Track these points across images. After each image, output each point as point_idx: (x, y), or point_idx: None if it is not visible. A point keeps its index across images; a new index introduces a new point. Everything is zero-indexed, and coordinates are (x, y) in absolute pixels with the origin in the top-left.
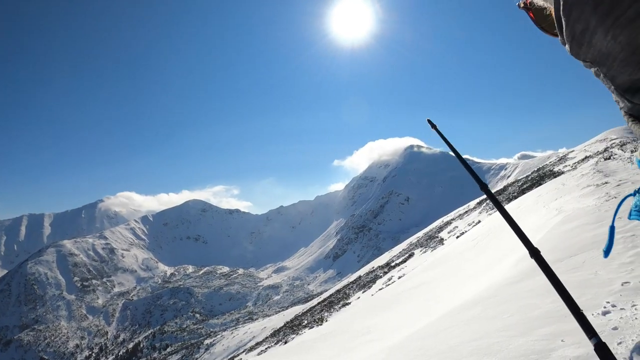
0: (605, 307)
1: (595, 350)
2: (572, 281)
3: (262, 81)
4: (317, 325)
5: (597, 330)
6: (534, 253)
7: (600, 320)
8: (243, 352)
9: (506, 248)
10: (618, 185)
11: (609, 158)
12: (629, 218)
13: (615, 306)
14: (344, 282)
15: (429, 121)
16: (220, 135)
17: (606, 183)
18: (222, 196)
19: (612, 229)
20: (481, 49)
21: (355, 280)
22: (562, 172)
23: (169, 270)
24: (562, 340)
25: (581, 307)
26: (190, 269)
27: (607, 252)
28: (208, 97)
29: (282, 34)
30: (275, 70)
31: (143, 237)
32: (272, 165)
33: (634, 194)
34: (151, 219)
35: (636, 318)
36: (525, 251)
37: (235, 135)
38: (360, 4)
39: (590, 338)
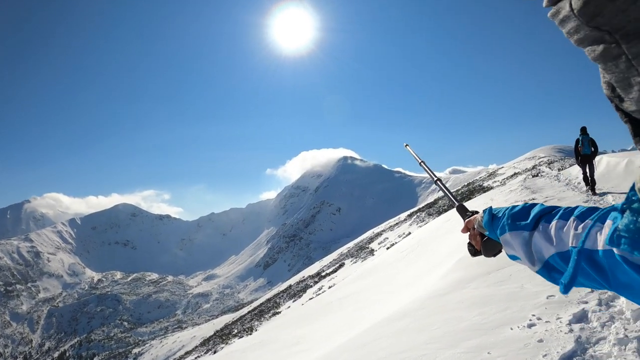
0: (530, 320)
1: (457, 208)
2: (499, 294)
3: (197, 87)
4: (247, 335)
5: (522, 344)
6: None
7: (526, 332)
8: None
9: (435, 260)
10: (545, 202)
11: (537, 175)
12: (607, 244)
13: (540, 319)
14: (275, 291)
15: (406, 145)
16: (153, 139)
17: (533, 199)
18: (152, 201)
19: (578, 253)
20: (415, 63)
21: (286, 289)
22: (492, 187)
23: (97, 276)
24: (488, 353)
25: (508, 319)
26: (119, 275)
27: (567, 288)
28: (141, 99)
29: (221, 42)
30: (211, 76)
31: (70, 240)
32: (204, 172)
33: (614, 213)
34: (79, 222)
35: (561, 331)
36: (452, 263)
37: (168, 139)
38: (300, 14)
39: (456, 202)
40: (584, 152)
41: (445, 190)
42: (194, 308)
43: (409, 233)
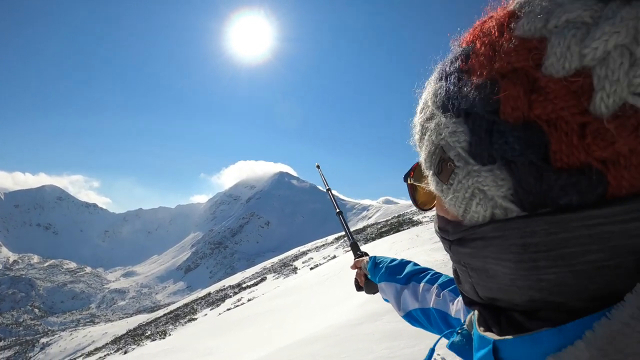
0: (435, 359)
1: (351, 245)
2: (409, 330)
3: (145, 79)
4: (160, 339)
5: None
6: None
7: None
8: (81, 356)
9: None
10: None
11: None
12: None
13: (444, 359)
14: (193, 296)
15: (317, 166)
16: (90, 123)
17: None
18: (81, 187)
19: (436, 311)
20: (369, 84)
21: (205, 296)
22: (421, 222)
23: (13, 256)
24: None
25: (415, 356)
26: (36, 259)
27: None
28: (86, 81)
29: (176, 40)
30: (161, 70)
31: None
32: (138, 165)
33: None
34: (2, 197)
35: None
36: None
37: (106, 126)
38: (259, 22)
39: (349, 240)
40: None
41: (345, 226)
42: (109, 303)
43: (334, 256)
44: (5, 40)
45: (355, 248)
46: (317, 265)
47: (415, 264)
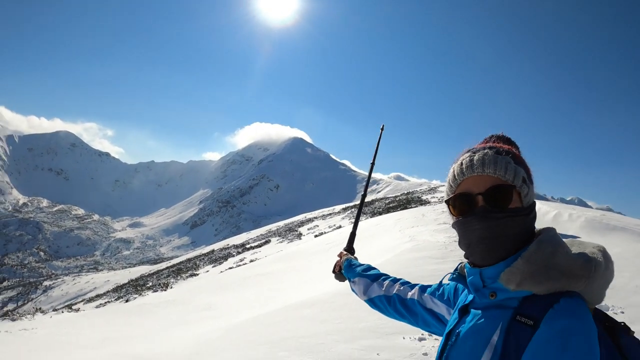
0: (422, 335)
1: (350, 235)
2: None
3: (169, 32)
4: (162, 290)
5: (408, 352)
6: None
7: (415, 344)
8: (82, 301)
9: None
10: None
11: None
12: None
13: (431, 335)
14: (197, 252)
15: (382, 127)
16: (107, 71)
17: None
18: (95, 134)
19: (396, 297)
20: (397, 61)
21: (208, 253)
22: (429, 202)
23: (23, 199)
24: (377, 354)
25: (404, 327)
26: (45, 202)
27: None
28: (106, 28)
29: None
30: (185, 25)
31: (4, 157)
32: (153, 117)
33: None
34: (17, 140)
35: None
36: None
37: (123, 75)
38: None
39: (352, 228)
40: None
41: (359, 211)
42: (113, 252)
43: (340, 226)
44: None
45: (350, 240)
46: (322, 233)
47: (381, 273)
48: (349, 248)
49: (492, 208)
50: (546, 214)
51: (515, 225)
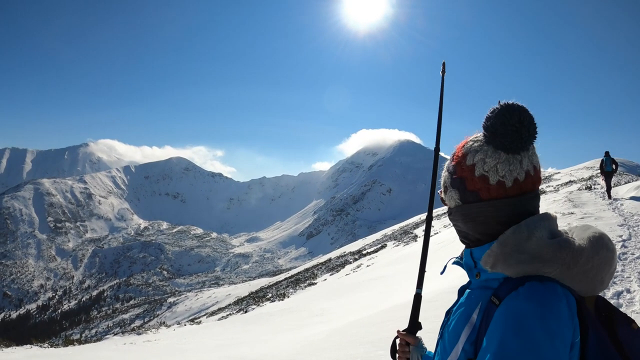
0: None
1: (414, 297)
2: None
3: (268, 51)
4: (279, 300)
5: None
6: (416, 294)
7: None
8: (205, 315)
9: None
10: (582, 218)
11: (590, 188)
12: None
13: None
14: (314, 262)
15: (444, 64)
16: (212, 96)
17: (572, 214)
18: (206, 157)
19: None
20: (496, 53)
21: (325, 262)
22: (544, 192)
23: (144, 223)
24: None
25: None
26: (165, 225)
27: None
28: (206, 54)
29: (294, 12)
30: (280, 43)
31: (122, 186)
32: (260, 135)
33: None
34: (133, 170)
35: None
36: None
37: (227, 98)
38: None
39: (416, 289)
40: (607, 170)
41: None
42: (233, 267)
43: None
44: (134, 18)
45: (415, 314)
46: (436, 233)
47: None
48: (414, 325)
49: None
50: None
51: (455, 223)
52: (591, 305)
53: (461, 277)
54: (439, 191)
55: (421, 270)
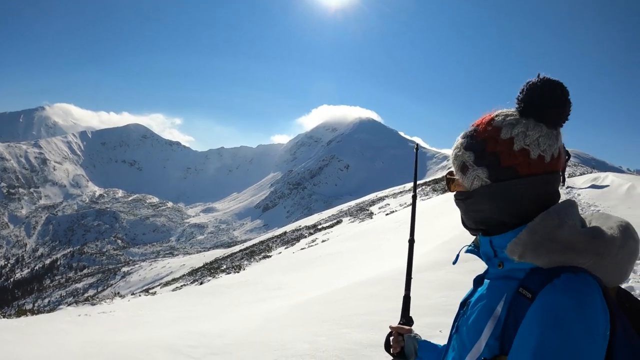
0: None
1: (403, 298)
2: (467, 282)
3: (232, 18)
4: (235, 272)
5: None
6: (405, 296)
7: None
8: (158, 285)
9: (423, 236)
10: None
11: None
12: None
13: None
14: (269, 234)
15: (416, 147)
16: (171, 62)
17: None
18: (164, 125)
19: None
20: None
21: (280, 235)
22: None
23: (99, 190)
24: (440, 331)
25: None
26: (120, 193)
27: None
28: (167, 19)
29: None
30: (247, 10)
31: (78, 152)
32: (220, 104)
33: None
34: (90, 135)
35: None
36: (438, 243)
37: (188, 64)
38: None
39: (405, 291)
40: None
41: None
42: (188, 237)
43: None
44: None
45: (405, 307)
46: (392, 212)
47: None
48: (406, 316)
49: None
50: (619, 187)
51: (468, 206)
52: (613, 296)
53: (422, 256)
54: (446, 174)
55: (408, 274)
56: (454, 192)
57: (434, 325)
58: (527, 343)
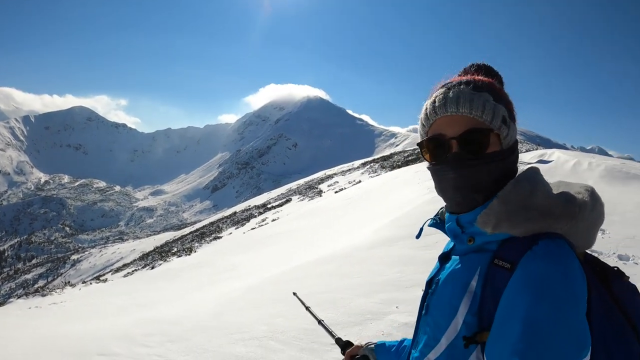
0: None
1: (320, 324)
2: (421, 257)
3: None
4: (186, 255)
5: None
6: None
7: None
8: (110, 272)
9: (375, 213)
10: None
11: None
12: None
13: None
14: (219, 215)
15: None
16: (114, 40)
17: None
18: (109, 107)
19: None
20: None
21: (230, 215)
22: None
23: (44, 177)
24: (396, 307)
25: (421, 283)
26: (66, 179)
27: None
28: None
29: None
30: None
31: (22, 138)
32: (165, 84)
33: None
34: (33, 120)
35: None
36: (390, 219)
37: (130, 43)
38: None
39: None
40: None
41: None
42: (137, 221)
43: (359, 181)
44: None
45: (326, 328)
46: (341, 189)
47: None
48: (335, 337)
49: (466, 154)
50: (565, 163)
51: (493, 170)
52: (582, 260)
53: (374, 232)
54: (495, 131)
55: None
56: (488, 153)
57: (389, 301)
58: (515, 313)
